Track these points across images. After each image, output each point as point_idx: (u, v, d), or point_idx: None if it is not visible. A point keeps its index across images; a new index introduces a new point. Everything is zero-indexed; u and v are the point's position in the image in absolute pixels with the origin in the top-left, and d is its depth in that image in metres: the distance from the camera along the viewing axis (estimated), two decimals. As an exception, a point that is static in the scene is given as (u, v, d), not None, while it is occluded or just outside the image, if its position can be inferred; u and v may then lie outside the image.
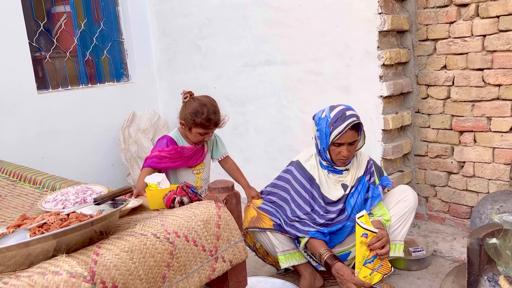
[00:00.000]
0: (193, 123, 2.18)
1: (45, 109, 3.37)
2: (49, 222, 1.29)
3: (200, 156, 2.33)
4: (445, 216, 2.85)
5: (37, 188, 2.15)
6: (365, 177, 2.20)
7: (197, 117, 2.16)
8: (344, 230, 2.19)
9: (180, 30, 3.79)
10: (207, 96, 2.27)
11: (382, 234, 1.97)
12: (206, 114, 2.16)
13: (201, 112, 2.16)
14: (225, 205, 1.49)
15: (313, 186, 2.20)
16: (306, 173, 2.22)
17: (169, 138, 2.28)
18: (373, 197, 2.17)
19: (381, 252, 1.95)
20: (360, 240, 1.93)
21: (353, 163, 2.23)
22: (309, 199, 2.19)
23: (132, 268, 1.16)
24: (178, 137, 2.31)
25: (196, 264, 1.32)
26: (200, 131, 2.21)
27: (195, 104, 2.19)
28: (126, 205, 1.44)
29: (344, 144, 2.07)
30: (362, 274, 1.95)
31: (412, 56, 2.81)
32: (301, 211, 2.18)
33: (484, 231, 2.01)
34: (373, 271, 1.96)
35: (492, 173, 2.58)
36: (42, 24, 3.47)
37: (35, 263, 1.12)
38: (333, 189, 2.20)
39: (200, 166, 2.36)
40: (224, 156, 2.45)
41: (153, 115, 3.87)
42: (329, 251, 2.09)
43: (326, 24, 2.82)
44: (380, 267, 1.98)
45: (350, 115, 2.07)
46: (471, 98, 2.59)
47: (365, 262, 1.95)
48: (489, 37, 2.46)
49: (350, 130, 2.05)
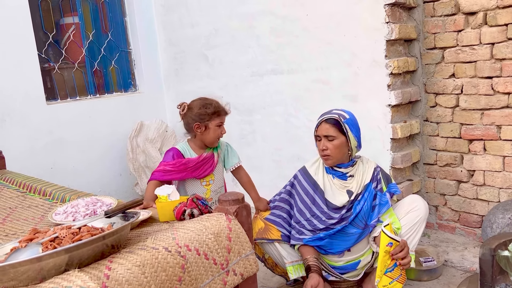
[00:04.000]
0: (208, 114, 2.21)
1: (54, 119, 3.40)
2: (60, 236, 1.29)
3: (209, 167, 2.29)
4: (455, 225, 2.83)
5: (47, 199, 2.16)
6: (372, 184, 2.18)
7: (208, 108, 2.21)
8: (351, 237, 2.16)
9: (187, 40, 3.81)
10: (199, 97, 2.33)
11: (404, 243, 1.98)
12: (214, 102, 2.23)
13: (209, 103, 2.23)
14: (235, 218, 1.48)
15: (316, 192, 2.20)
16: (310, 179, 2.23)
17: (176, 151, 2.27)
18: (380, 204, 2.15)
19: (403, 262, 1.95)
20: (385, 249, 1.93)
21: (358, 169, 2.21)
22: (310, 204, 2.19)
23: (144, 282, 1.16)
24: (185, 148, 2.30)
25: (208, 278, 1.32)
26: (217, 122, 2.23)
27: (197, 102, 2.25)
28: (137, 218, 1.44)
29: (321, 137, 2.13)
30: (382, 283, 1.95)
31: (420, 64, 2.80)
32: (301, 216, 2.19)
33: (496, 241, 2.00)
34: (393, 280, 1.97)
35: (502, 181, 2.56)
36: (51, 36, 3.50)
37: (48, 278, 1.12)
38: (337, 195, 2.19)
39: (210, 178, 2.32)
40: (236, 167, 2.41)
41: (161, 125, 3.88)
42: (314, 259, 2.11)
43: (333, 33, 2.83)
44: (399, 276, 1.99)
45: (334, 112, 2.15)
46: (480, 107, 2.57)
47: (386, 271, 1.95)
48: (498, 45, 2.45)
49: (325, 123, 2.12)
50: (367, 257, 2.23)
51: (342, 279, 2.25)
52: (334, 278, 2.26)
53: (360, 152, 2.24)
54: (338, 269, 2.24)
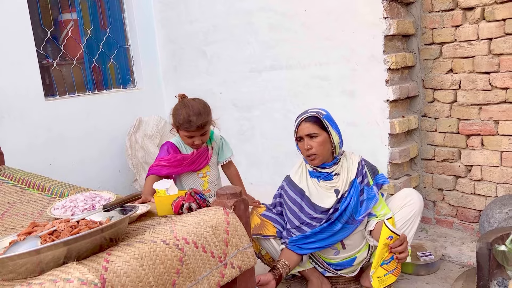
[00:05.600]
0: (176, 125, 2.18)
1: (53, 116, 3.40)
2: (59, 229, 1.30)
3: (204, 160, 2.30)
4: (453, 220, 2.84)
5: (45, 195, 2.17)
6: (357, 179, 2.15)
7: (176, 119, 2.16)
8: (340, 232, 2.14)
9: (185, 36, 3.81)
10: (195, 98, 2.25)
11: (404, 238, 1.98)
12: (185, 116, 2.12)
13: (180, 114, 2.14)
14: (233, 211, 1.49)
15: (303, 199, 2.18)
16: (296, 187, 2.21)
17: (170, 144, 2.28)
18: (368, 199, 2.13)
19: (401, 256, 1.96)
20: (384, 242, 1.94)
21: (343, 166, 2.18)
22: (299, 212, 2.17)
23: (142, 275, 1.17)
24: (179, 141, 2.31)
25: (205, 271, 1.33)
26: (185, 134, 2.18)
27: (177, 106, 2.19)
28: (136, 211, 1.45)
29: (303, 137, 2.11)
30: (377, 274, 1.97)
31: (418, 60, 2.80)
32: (290, 224, 2.19)
33: (493, 235, 2.01)
34: (388, 273, 1.99)
35: (500, 176, 2.57)
36: (49, 32, 3.50)
37: (46, 271, 1.13)
38: (325, 197, 2.16)
39: (206, 169, 2.33)
40: (227, 161, 2.43)
41: (159, 121, 3.89)
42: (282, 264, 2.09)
43: (332, 29, 2.83)
44: (395, 269, 2.01)
45: (310, 111, 2.13)
46: (478, 102, 2.58)
47: (382, 263, 1.97)
48: (496, 40, 2.46)
49: (305, 122, 2.10)
50: (363, 253, 2.24)
51: (338, 275, 2.26)
52: (330, 274, 2.27)
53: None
54: (333, 266, 2.24)
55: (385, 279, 1.98)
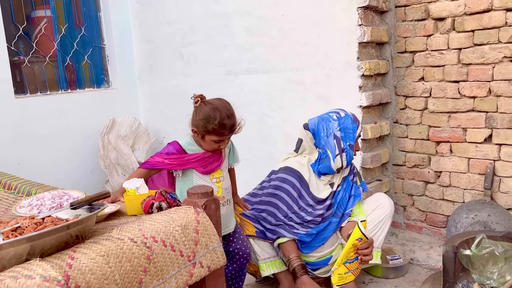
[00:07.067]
0: (206, 130, 1.92)
1: (23, 113, 3.31)
2: (23, 226, 1.26)
3: (217, 161, 2.03)
4: (422, 225, 2.90)
5: (11, 193, 2.10)
6: (349, 176, 2.32)
7: (210, 123, 1.90)
8: (330, 227, 2.25)
9: (162, 37, 3.79)
10: (220, 99, 2.02)
11: (371, 242, 2.09)
12: (219, 119, 1.90)
13: (213, 117, 1.90)
14: (204, 211, 1.48)
15: (302, 184, 2.25)
16: (295, 172, 2.27)
17: (177, 148, 2.02)
18: (355, 195, 2.30)
19: (365, 258, 2.06)
20: (353, 242, 2.02)
21: None
22: (297, 197, 2.24)
23: (108, 272, 1.15)
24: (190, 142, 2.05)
25: (174, 269, 1.31)
26: (215, 139, 1.94)
27: (206, 109, 1.93)
28: (103, 209, 1.42)
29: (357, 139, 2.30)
30: (338, 271, 2.05)
31: (391, 67, 2.87)
32: (289, 209, 2.24)
33: (459, 239, 2.06)
34: (349, 272, 2.08)
35: (467, 183, 2.64)
36: (21, 28, 3.42)
37: (8, 267, 1.09)
38: (322, 189, 2.28)
39: (219, 174, 2.05)
40: (234, 166, 2.20)
41: (134, 122, 3.84)
42: (299, 259, 2.16)
43: (308, 35, 2.86)
44: (355, 269, 2.10)
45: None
46: (448, 109, 2.65)
47: (346, 262, 2.05)
48: (465, 50, 2.54)
49: None
50: (338, 252, 2.27)
51: (314, 276, 2.27)
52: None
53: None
54: (310, 265, 2.27)
55: (345, 277, 2.07)
